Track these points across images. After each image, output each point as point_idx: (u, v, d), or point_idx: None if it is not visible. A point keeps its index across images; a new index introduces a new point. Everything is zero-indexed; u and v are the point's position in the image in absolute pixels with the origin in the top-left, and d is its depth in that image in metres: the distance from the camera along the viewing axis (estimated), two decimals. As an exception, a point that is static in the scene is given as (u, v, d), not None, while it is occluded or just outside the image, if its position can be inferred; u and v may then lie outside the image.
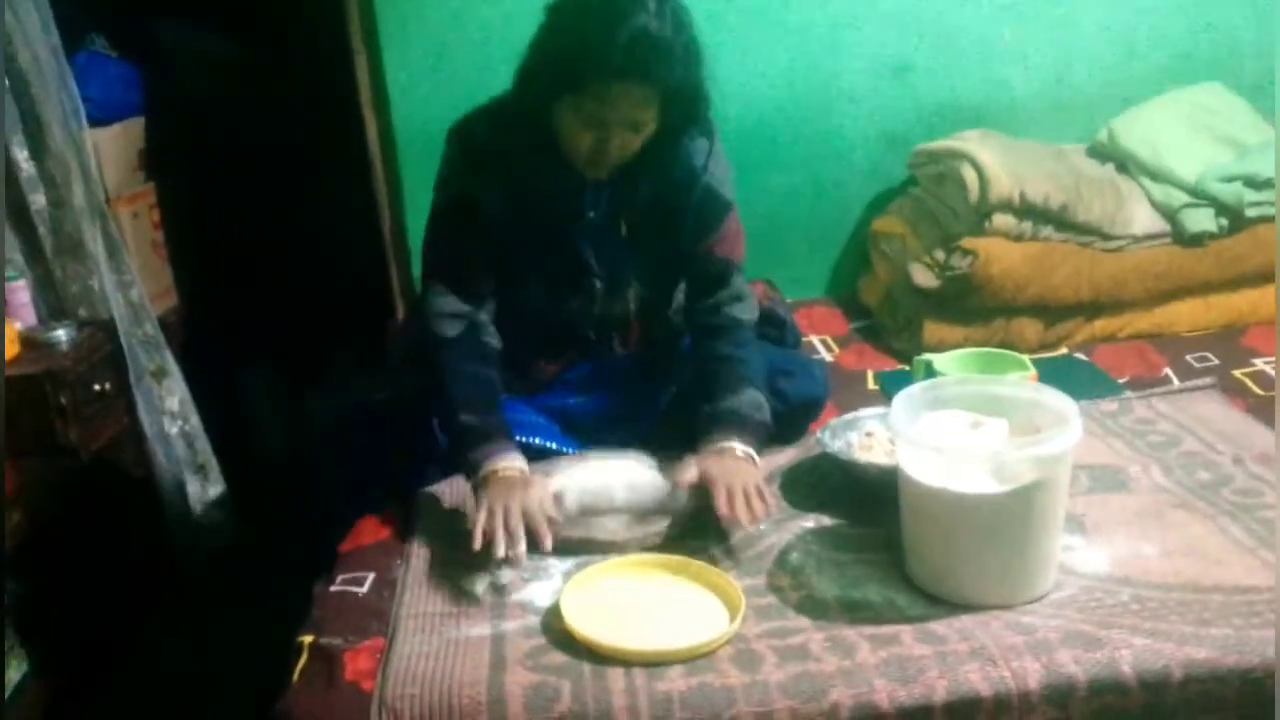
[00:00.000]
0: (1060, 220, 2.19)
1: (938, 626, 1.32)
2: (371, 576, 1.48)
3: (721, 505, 1.46)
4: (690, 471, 1.53)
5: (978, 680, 1.22)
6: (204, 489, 2.62)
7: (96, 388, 2.21)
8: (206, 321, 2.89)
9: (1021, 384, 1.45)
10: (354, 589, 1.44)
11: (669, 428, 1.79)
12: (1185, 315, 2.25)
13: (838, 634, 1.31)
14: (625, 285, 1.75)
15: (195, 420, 2.59)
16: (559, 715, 1.19)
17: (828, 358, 2.24)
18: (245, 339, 3.08)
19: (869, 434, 1.71)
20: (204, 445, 2.61)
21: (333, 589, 1.44)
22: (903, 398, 1.42)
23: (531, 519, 1.43)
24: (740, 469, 1.52)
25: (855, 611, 1.36)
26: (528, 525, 1.43)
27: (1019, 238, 2.18)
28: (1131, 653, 1.25)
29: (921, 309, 2.21)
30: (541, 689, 1.22)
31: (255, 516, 2.69)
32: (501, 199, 1.64)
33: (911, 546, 1.42)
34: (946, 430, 1.42)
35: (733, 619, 1.33)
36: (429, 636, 1.33)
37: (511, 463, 1.52)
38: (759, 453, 1.58)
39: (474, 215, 1.64)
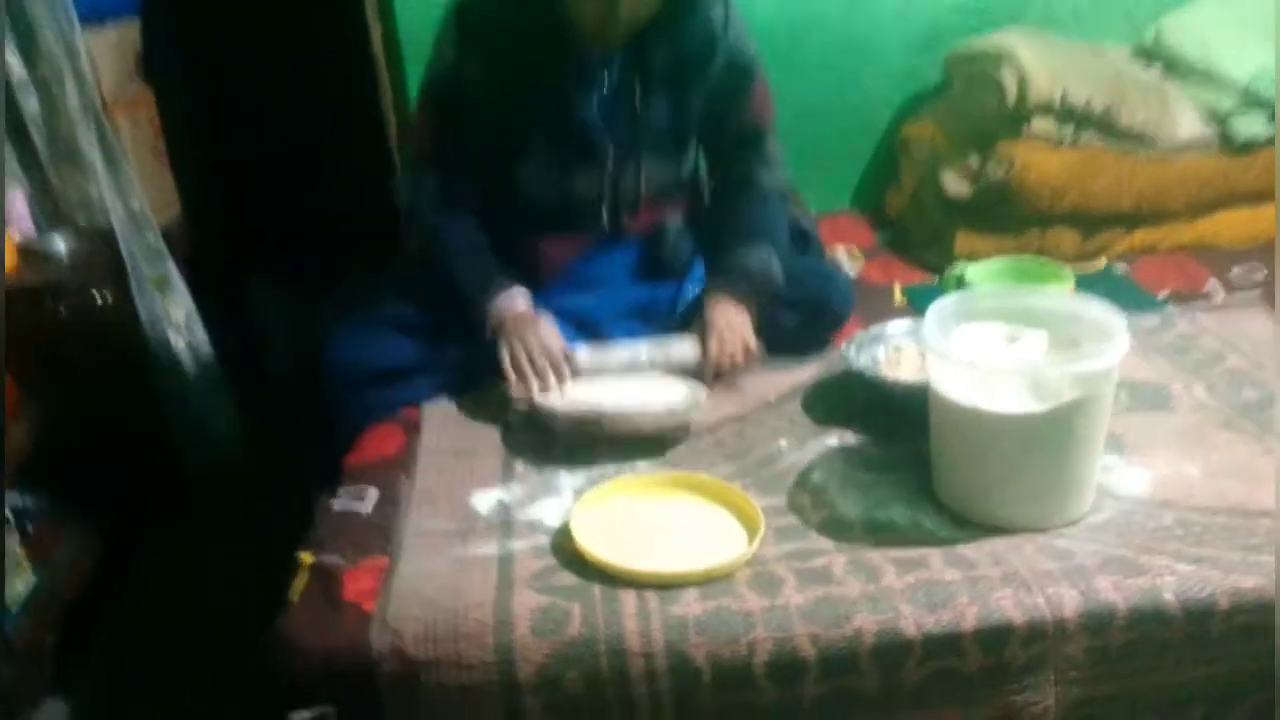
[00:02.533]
0: (1102, 125, 2.06)
1: (967, 550, 1.25)
2: (375, 493, 1.42)
3: (712, 348, 1.56)
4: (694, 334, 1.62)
5: (1010, 607, 1.16)
6: (211, 404, 2.57)
7: (98, 299, 2.15)
8: (212, 232, 2.81)
9: (1061, 295, 1.36)
10: (357, 506, 1.38)
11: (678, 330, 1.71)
12: (1230, 226, 2.13)
13: (861, 556, 1.25)
14: (637, 158, 1.67)
15: (201, 334, 2.53)
16: (568, 639, 1.14)
17: (852, 271, 2.15)
18: (253, 250, 3.00)
19: (897, 349, 1.63)
20: (211, 359, 2.56)
21: (334, 506, 1.38)
22: (935, 310, 1.33)
23: (551, 356, 1.53)
24: (733, 316, 1.58)
25: (880, 533, 1.30)
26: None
27: (1058, 143, 2.06)
28: (1175, 579, 1.18)
29: (953, 219, 2.11)
30: (550, 611, 1.17)
31: (265, 432, 2.64)
32: (496, 76, 1.58)
33: (941, 467, 1.35)
34: (981, 345, 1.34)
35: (751, 540, 1.27)
36: (433, 556, 1.28)
37: (516, 303, 1.58)
38: (760, 303, 1.62)
39: (461, 94, 1.59)
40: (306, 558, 1.27)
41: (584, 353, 1.62)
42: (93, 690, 1.85)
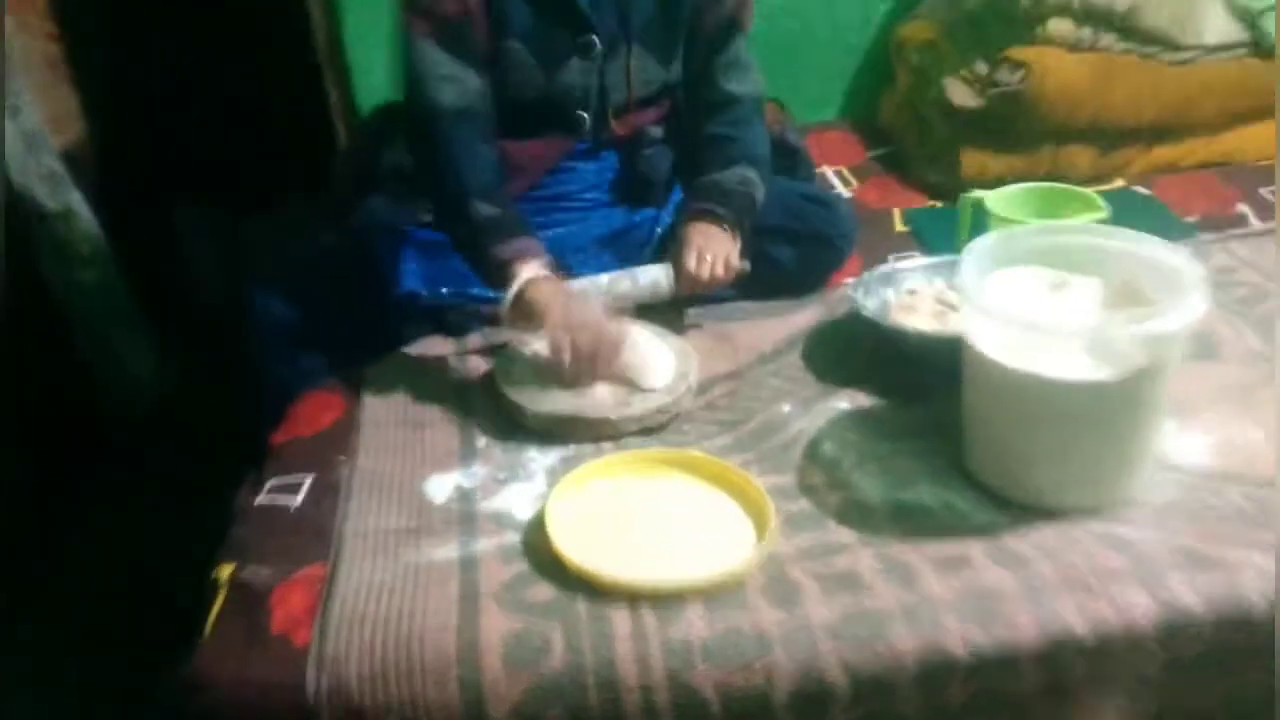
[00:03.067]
0: (1124, 27, 1.84)
1: (1014, 541, 1.06)
2: (309, 480, 1.19)
3: (688, 262, 1.38)
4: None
5: (1073, 617, 0.97)
6: (130, 341, 2.31)
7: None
8: (127, 154, 2.50)
9: (1121, 234, 1.15)
10: (286, 499, 1.16)
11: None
12: (1258, 140, 1.93)
13: (892, 553, 1.05)
14: (626, 52, 1.45)
15: (112, 267, 2.26)
16: (549, 671, 0.94)
17: (845, 193, 1.92)
18: (175, 173, 2.69)
19: (911, 292, 1.42)
20: (124, 295, 2.29)
21: (259, 500, 1.16)
22: (974, 253, 1.12)
23: (608, 337, 1.28)
24: (714, 235, 1.40)
25: (908, 518, 1.11)
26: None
27: (1075, 47, 1.83)
28: (1256, 575, 1.00)
29: (958, 134, 1.88)
30: (526, 638, 0.96)
31: (191, 373, 2.39)
32: None
33: (976, 437, 1.15)
34: (1023, 292, 1.14)
35: (761, 534, 1.07)
36: (380, 561, 1.06)
37: (547, 265, 1.32)
38: (740, 225, 1.42)
39: None
40: (225, 571, 1.04)
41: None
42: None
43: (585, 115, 1.47)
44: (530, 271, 1.28)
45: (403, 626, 0.97)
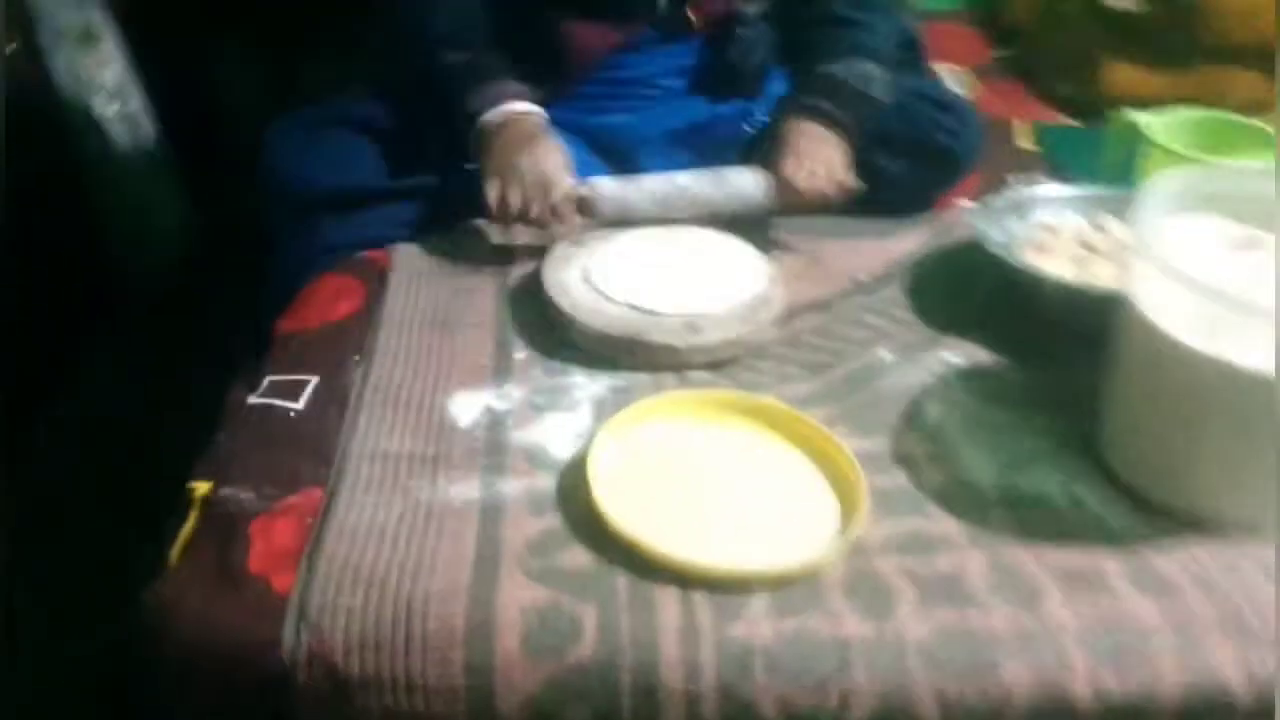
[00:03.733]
0: (1324, -72, 1.54)
1: (1160, 560, 0.86)
2: (313, 383, 1.00)
3: (788, 169, 1.17)
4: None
5: (1230, 670, 0.78)
6: (153, 192, 2.12)
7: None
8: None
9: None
10: (285, 403, 0.97)
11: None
12: None
13: (1007, 557, 0.86)
14: None
15: (138, 101, 2.05)
16: (576, 663, 0.76)
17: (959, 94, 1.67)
18: (212, -2, 2.45)
19: (1047, 227, 1.19)
20: (151, 131, 2.09)
21: (253, 400, 0.98)
22: (1156, 194, 0.89)
23: (549, 185, 1.13)
24: (821, 139, 1.19)
25: (1026, 512, 0.90)
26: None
27: (1260, -51, 1.54)
28: None
29: (1103, 40, 1.62)
30: (552, 617, 0.78)
31: (222, 229, 2.20)
32: None
33: (1122, 420, 0.94)
34: (1201, 248, 0.91)
35: (846, 512, 0.88)
36: (388, 494, 0.88)
37: (518, 107, 1.17)
38: (855, 130, 1.22)
39: None
40: (200, 488, 0.87)
41: (606, 185, 1.19)
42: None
43: None
44: (497, 112, 1.15)
45: (404, 585, 0.79)
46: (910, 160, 1.30)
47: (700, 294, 1.08)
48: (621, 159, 1.31)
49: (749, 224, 1.21)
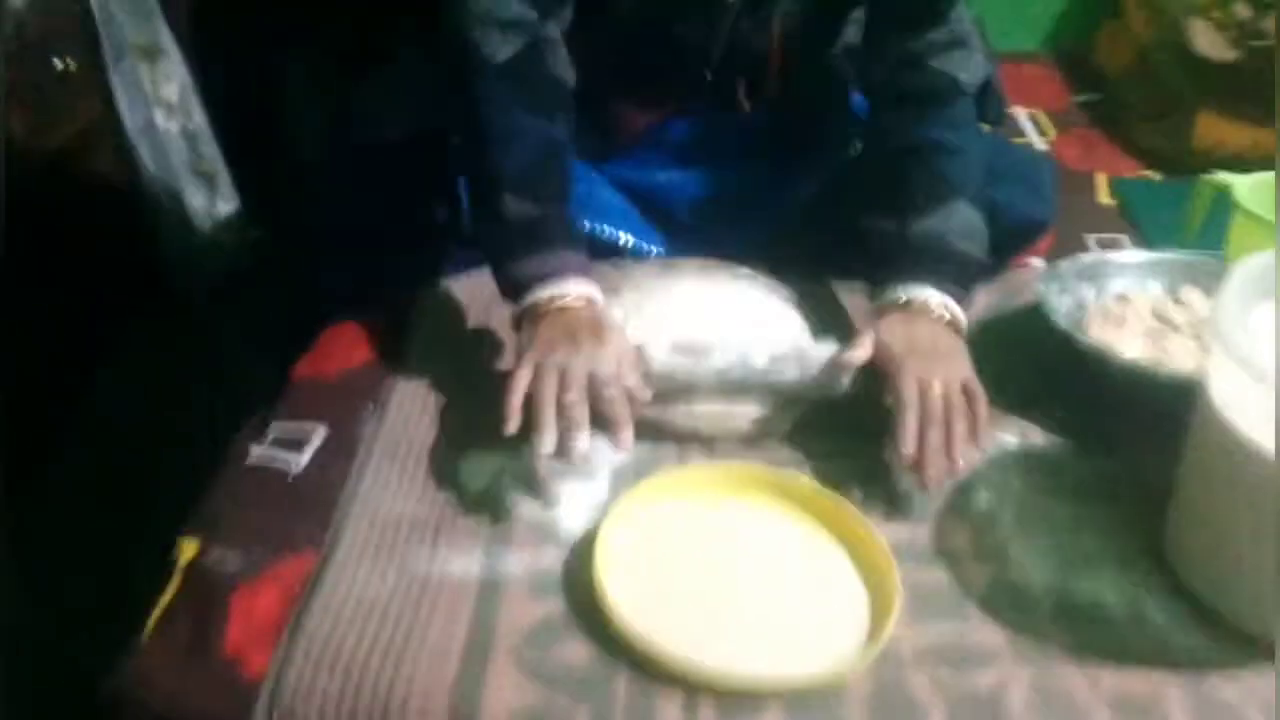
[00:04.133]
0: None
1: (1227, 688, 0.77)
2: (321, 433, 0.96)
3: (908, 435, 0.88)
4: (862, 346, 0.95)
5: (1306, 829, 0.68)
6: (211, 203, 2.12)
7: (59, 65, 1.71)
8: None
9: None
10: (287, 457, 0.92)
11: (811, 235, 1.19)
12: None
13: (1056, 679, 0.77)
14: (772, 2, 1.11)
15: (200, 116, 2.06)
16: (563, 775, 0.70)
17: (1039, 144, 1.58)
18: (277, 9, 2.45)
19: (1121, 298, 1.09)
20: (212, 148, 2.09)
21: (256, 450, 0.93)
22: (1244, 275, 0.80)
23: (603, 397, 0.86)
24: (940, 349, 0.94)
25: (1080, 624, 0.81)
26: (596, 404, 0.86)
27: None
28: None
29: (1196, 90, 1.52)
30: (542, 717, 0.72)
31: (276, 246, 2.19)
32: None
33: (1193, 526, 0.85)
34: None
35: (876, 613, 0.80)
36: (383, 564, 0.83)
37: (580, 288, 0.93)
38: (967, 310, 0.99)
39: None
40: (187, 550, 0.82)
41: (663, 352, 0.96)
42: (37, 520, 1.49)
43: (707, 77, 1.13)
44: (547, 290, 0.92)
45: (386, 672, 0.74)
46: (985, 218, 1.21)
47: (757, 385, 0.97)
48: (663, 217, 1.24)
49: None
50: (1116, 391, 0.99)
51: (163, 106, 1.99)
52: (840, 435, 0.97)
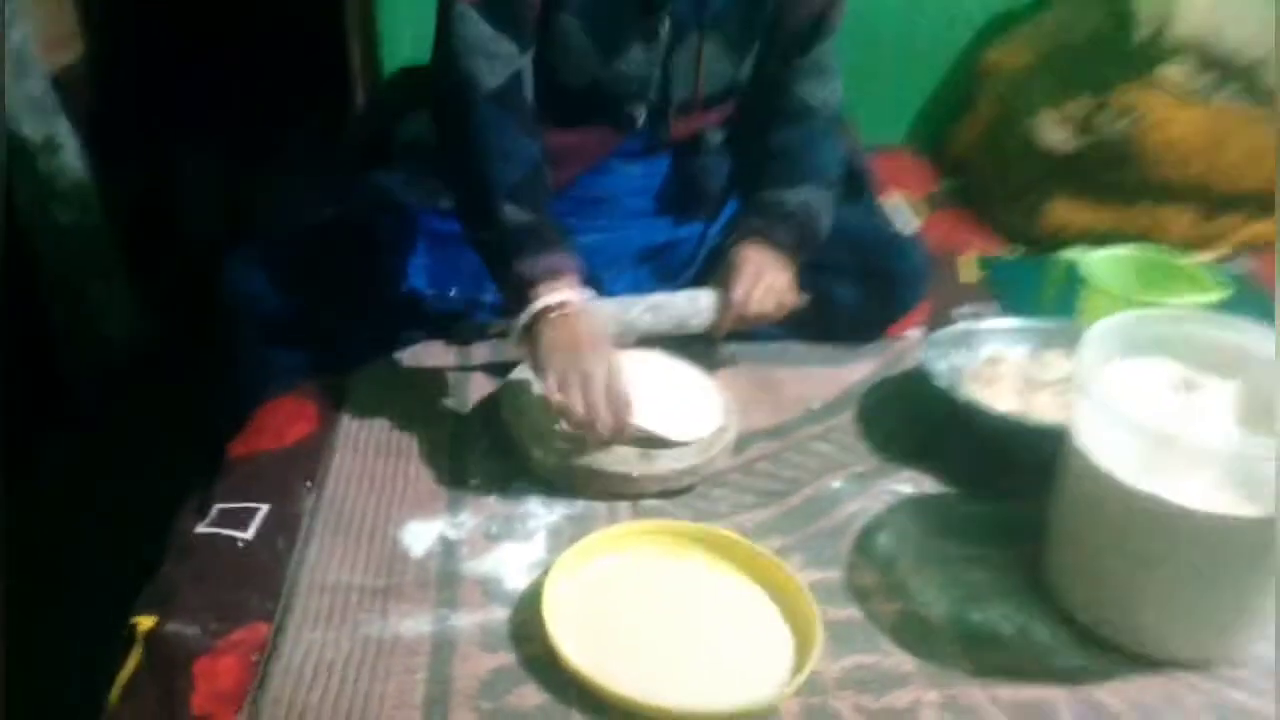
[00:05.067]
0: (1246, 81, 1.63)
1: (1106, 697, 0.87)
2: (263, 511, 0.99)
3: (737, 290, 1.20)
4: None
5: (1183, 812, 0.78)
6: (106, 293, 2.11)
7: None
8: (121, 79, 2.29)
9: (1269, 331, 0.96)
10: (233, 533, 0.96)
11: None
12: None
13: (962, 697, 0.86)
14: (697, 36, 1.24)
15: (96, 209, 2.06)
16: (525, 811, 0.75)
17: (912, 224, 1.72)
18: (172, 105, 2.48)
19: (991, 360, 1.22)
20: (108, 242, 2.09)
21: (200, 529, 0.96)
22: (1098, 337, 0.93)
23: (615, 398, 1.03)
24: (768, 262, 1.23)
25: (978, 647, 0.91)
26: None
27: (1189, 96, 1.63)
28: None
29: (1044, 177, 1.68)
30: (501, 762, 0.77)
31: (171, 333, 2.19)
32: None
33: (1067, 557, 0.96)
34: (1146, 390, 0.94)
35: (800, 644, 0.88)
36: (337, 629, 0.87)
37: (576, 293, 1.10)
38: (799, 252, 1.26)
39: None
40: (144, 624, 0.85)
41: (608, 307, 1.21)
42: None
43: (641, 109, 1.26)
44: (554, 296, 1.07)
45: (351, 726, 0.78)
46: (861, 289, 1.34)
47: (653, 421, 1.09)
48: (589, 275, 1.33)
49: (698, 342, 1.23)
50: (992, 442, 1.11)
51: (59, 199, 1.99)
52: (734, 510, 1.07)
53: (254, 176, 2.54)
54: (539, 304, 1.06)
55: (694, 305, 1.23)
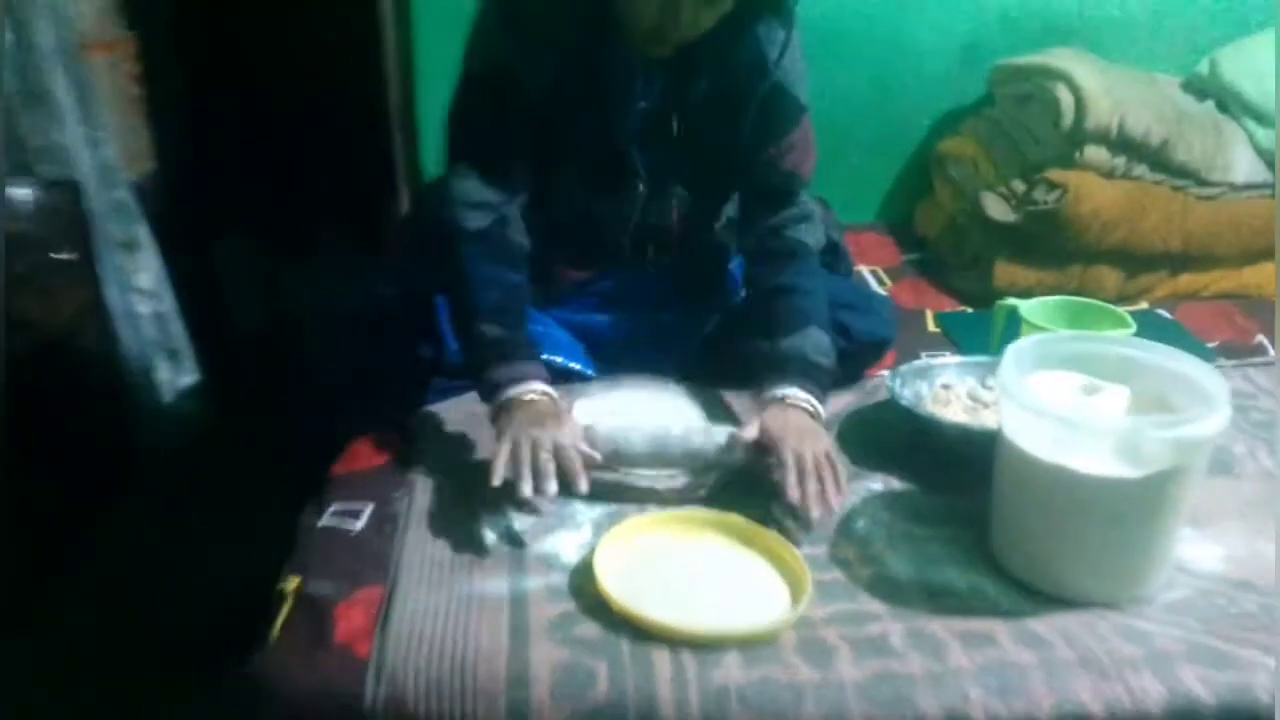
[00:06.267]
0: (1157, 159, 1.95)
1: (1037, 625, 1.12)
2: (369, 509, 1.26)
3: (790, 488, 1.22)
4: (750, 429, 1.31)
5: (1089, 697, 1.03)
6: (175, 376, 2.38)
7: (58, 256, 1.98)
8: (186, 190, 2.62)
9: (1153, 346, 1.23)
10: (347, 524, 1.22)
11: (710, 360, 1.57)
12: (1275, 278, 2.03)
13: (921, 626, 1.11)
14: (671, 190, 1.51)
15: (169, 300, 2.34)
16: (593, 703, 0.99)
17: (881, 291, 2.01)
18: (227, 210, 2.80)
19: (945, 386, 1.49)
20: (178, 328, 2.37)
21: (322, 523, 1.22)
22: (1014, 352, 1.20)
23: (564, 455, 1.20)
24: (807, 429, 1.29)
25: (937, 598, 1.16)
26: (559, 463, 1.20)
27: (1110, 174, 1.94)
28: (1269, 677, 1.06)
29: (992, 245, 1.98)
30: (573, 669, 1.02)
31: (231, 407, 2.46)
32: (544, 71, 1.37)
33: (1005, 527, 1.22)
34: (1057, 394, 1.21)
35: (795, 595, 1.13)
36: (436, 589, 1.12)
37: (540, 387, 1.28)
38: (824, 404, 1.36)
39: (512, 87, 1.37)
40: (291, 583, 1.10)
41: (603, 435, 1.31)
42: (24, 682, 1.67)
43: (625, 241, 1.53)
44: (518, 390, 1.26)
45: (458, 648, 1.03)
46: (843, 340, 1.60)
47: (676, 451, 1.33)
48: (603, 352, 1.59)
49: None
50: (948, 447, 1.37)
51: (138, 292, 2.27)
52: (744, 498, 1.31)
53: (300, 271, 2.86)
54: (503, 396, 1.26)
55: (708, 436, 1.33)
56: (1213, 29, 2.21)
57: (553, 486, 1.18)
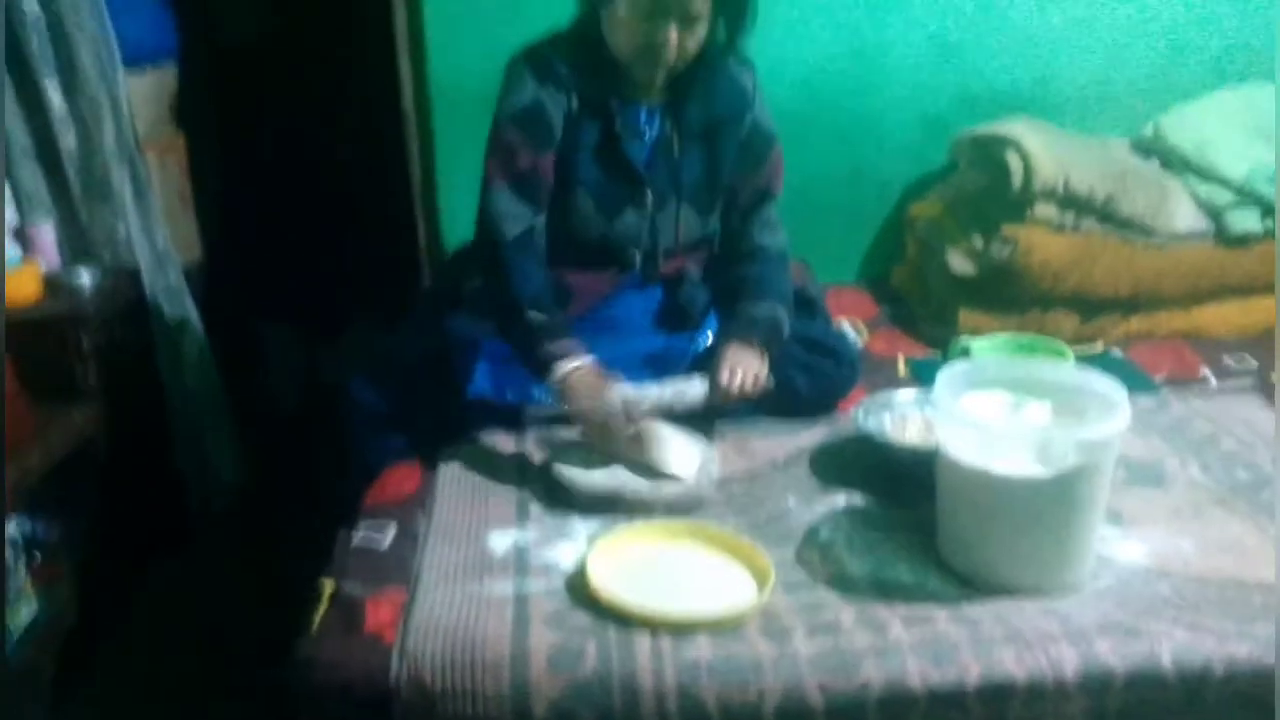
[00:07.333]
0: (1103, 213, 2.15)
1: (971, 609, 1.29)
2: (394, 529, 1.45)
3: (722, 375, 1.61)
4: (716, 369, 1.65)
5: (1012, 665, 1.19)
6: (219, 442, 2.60)
7: (118, 333, 2.20)
8: (228, 275, 2.87)
9: (1066, 368, 1.42)
10: (376, 540, 1.42)
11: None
12: (1222, 317, 2.20)
13: (869, 610, 1.28)
14: (676, 206, 1.78)
15: (214, 374, 2.57)
16: (583, 676, 1.17)
17: (858, 342, 2.20)
18: (265, 295, 3.06)
19: (904, 416, 1.68)
20: (222, 402, 2.60)
21: (355, 539, 1.42)
22: (945, 375, 1.39)
23: (630, 405, 1.55)
24: (745, 355, 1.64)
25: (886, 590, 1.33)
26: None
27: (1060, 228, 2.14)
28: (1172, 646, 1.22)
29: (957, 296, 2.18)
30: (565, 648, 1.20)
31: (267, 471, 2.68)
32: (565, 110, 1.69)
33: (946, 528, 1.39)
34: (988, 411, 1.39)
35: (761, 590, 1.30)
36: (451, 591, 1.31)
37: (582, 358, 1.60)
38: (768, 348, 1.68)
39: (539, 121, 1.67)
40: (328, 585, 1.30)
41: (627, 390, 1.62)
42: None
43: (636, 254, 1.78)
44: (569, 364, 1.58)
45: (467, 634, 1.21)
46: (811, 378, 1.80)
47: (664, 458, 1.55)
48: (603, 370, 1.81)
49: (697, 420, 1.69)
50: (903, 467, 1.56)
51: (188, 366, 2.50)
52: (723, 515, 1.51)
53: (327, 343, 3.10)
54: (563, 368, 1.57)
55: (690, 386, 1.66)
56: (1157, 97, 2.42)
57: (638, 416, 1.56)
